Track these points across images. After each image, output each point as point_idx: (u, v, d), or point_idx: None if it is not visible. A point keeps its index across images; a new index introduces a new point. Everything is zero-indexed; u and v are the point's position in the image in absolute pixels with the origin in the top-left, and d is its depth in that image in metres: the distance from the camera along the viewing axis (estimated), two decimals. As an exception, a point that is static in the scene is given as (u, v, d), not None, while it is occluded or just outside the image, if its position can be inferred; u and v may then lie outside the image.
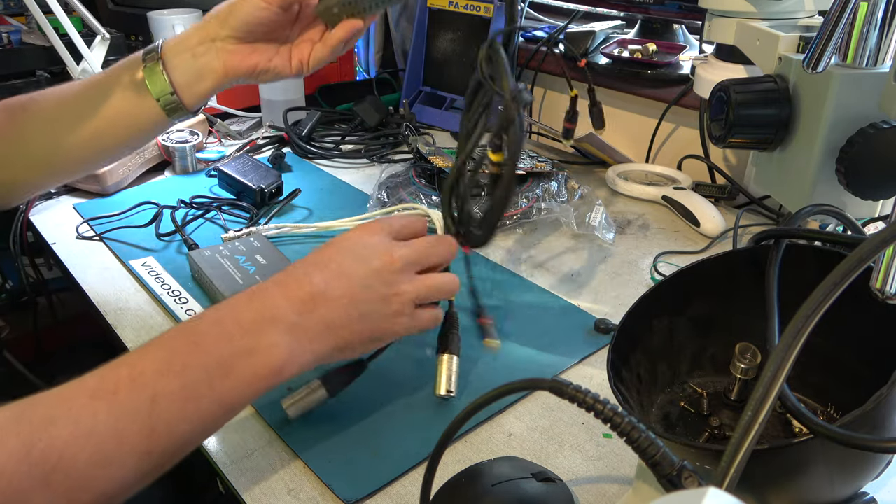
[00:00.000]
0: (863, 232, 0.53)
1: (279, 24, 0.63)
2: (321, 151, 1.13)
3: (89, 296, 0.76)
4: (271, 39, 0.64)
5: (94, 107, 0.64)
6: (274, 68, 0.63)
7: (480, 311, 0.64)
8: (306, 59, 0.64)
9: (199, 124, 1.11)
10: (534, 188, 0.93)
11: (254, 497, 0.51)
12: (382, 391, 0.61)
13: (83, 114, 0.65)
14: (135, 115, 0.65)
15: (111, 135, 0.66)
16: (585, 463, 0.55)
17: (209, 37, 0.63)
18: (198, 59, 0.63)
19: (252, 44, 0.63)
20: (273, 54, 0.63)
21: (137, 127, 0.66)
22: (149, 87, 0.63)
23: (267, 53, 0.63)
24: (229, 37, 0.62)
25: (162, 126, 0.67)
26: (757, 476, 0.37)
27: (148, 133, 0.69)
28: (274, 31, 0.63)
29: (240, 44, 0.62)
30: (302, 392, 0.57)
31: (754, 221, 0.92)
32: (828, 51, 0.58)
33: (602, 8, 1.21)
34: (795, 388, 0.50)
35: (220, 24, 0.62)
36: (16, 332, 1.28)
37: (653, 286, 0.52)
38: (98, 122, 0.65)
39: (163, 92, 0.63)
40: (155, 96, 0.63)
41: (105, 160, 0.72)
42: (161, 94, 0.63)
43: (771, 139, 0.71)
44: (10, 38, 1.08)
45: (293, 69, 0.64)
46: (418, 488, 0.43)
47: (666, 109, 1.06)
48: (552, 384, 0.34)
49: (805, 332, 0.31)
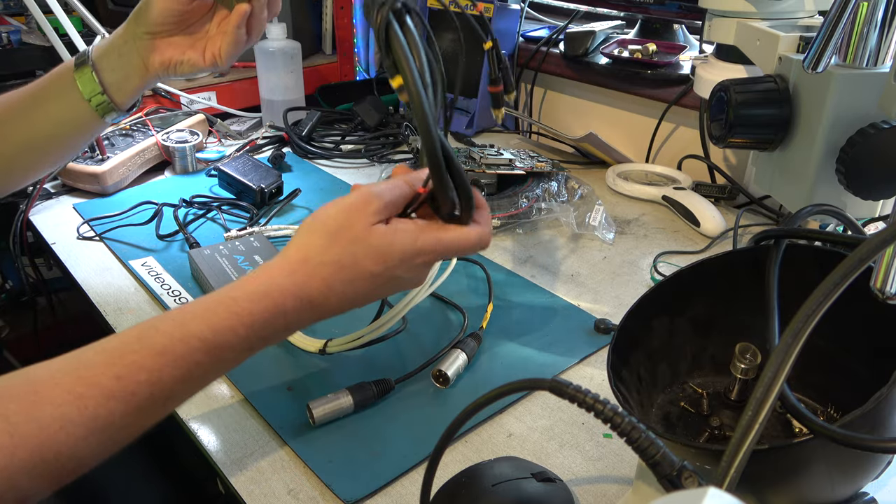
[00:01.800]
0: (863, 232, 0.53)
1: (191, 17, 0.64)
2: (321, 151, 1.13)
3: (89, 296, 0.76)
4: (187, 33, 0.65)
5: (31, 114, 0.66)
6: (188, 60, 0.65)
7: (495, 79, 0.60)
8: (218, 52, 0.65)
9: (199, 124, 1.11)
10: (534, 188, 0.93)
11: (254, 497, 0.51)
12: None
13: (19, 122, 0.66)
14: (70, 119, 0.66)
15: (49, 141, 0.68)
16: (585, 463, 0.55)
17: (130, 35, 0.64)
18: (123, 58, 0.64)
19: (168, 38, 0.64)
20: (187, 48, 0.65)
21: (73, 130, 0.68)
22: (80, 90, 0.64)
23: (182, 47, 0.64)
24: (145, 32, 0.63)
25: (97, 127, 0.69)
26: (757, 476, 0.37)
27: (84, 135, 0.70)
28: (188, 25, 0.65)
29: (156, 39, 0.64)
30: (329, 398, 0.57)
31: (754, 221, 0.92)
32: (828, 51, 0.58)
33: (602, 8, 1.21)
34: (795, 388, 0.50)
35: (137, 21, 0.63)
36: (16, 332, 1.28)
37: (653, 286, 0.52)
38: (35, 129, 0.66)
39: (93, 93, 0.64)
40: (86, 97, 0.65)
41: (45, 166, 0.73)
42: (92, 95, 0.64)
43: (771, 139, 0.71)
44: (10, 38, 1.08)
45: (206, 61, 0.65)
46: (418, 488, 0.43)
47: (666, 109, 1.06)
48: (552, 384, 0.34)
49: (805, 332, 0.31)
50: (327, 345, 0.63)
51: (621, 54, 1.08)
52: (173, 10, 0.62)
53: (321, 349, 0.63)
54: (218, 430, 0.57)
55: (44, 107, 0.66)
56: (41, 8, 1.01)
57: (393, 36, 0.41)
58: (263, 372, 0.63)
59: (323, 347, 0.63)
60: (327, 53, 1.46)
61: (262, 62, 1.19)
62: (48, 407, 0.38)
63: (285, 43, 1.17)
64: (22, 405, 0.38)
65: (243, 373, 0.63)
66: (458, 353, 0.63)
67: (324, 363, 0.64)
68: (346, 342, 0.63)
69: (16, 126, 0.66)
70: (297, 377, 0.63)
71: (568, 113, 1.29)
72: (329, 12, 1.42)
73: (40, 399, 0.39)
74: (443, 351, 0.64)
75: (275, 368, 0.64)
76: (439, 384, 0.62)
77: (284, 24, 1.17)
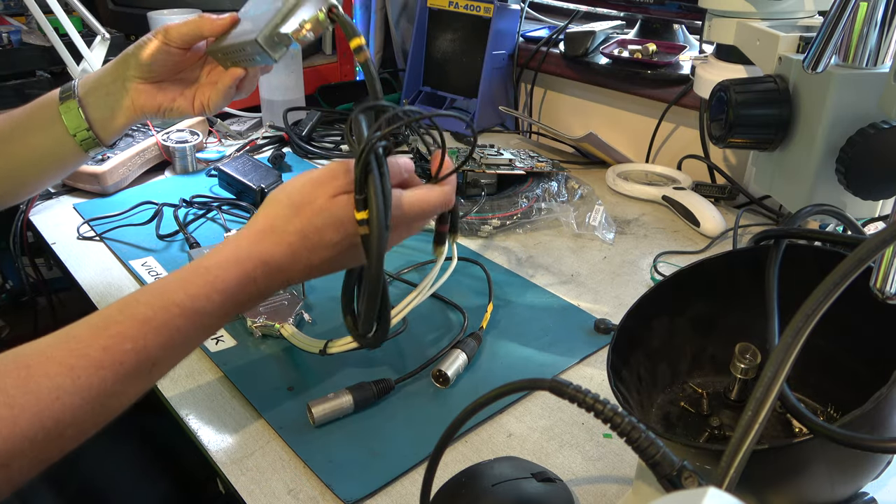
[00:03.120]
0: (863, 232, 0.53)
1: (182, 65, 0.67)
2: (321, 151, 1.13)
3: (89, 296, 0.76)
4: (178, 79, 0.67)
5: (12, 143, 0.67)
6: (177, 107, 0.67)
7: (443, 217, 0.61)
8: (207, 101, 0.67)
9: (199, 124, 1.11)
10: (534, 188, 0.93)
11: (254, 497, 0.51)
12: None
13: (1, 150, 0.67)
14: (52, 151, 0.68)
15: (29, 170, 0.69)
16: (585, 463, 0.55)
17: (121, 76, 0.66)
18: (110, 97, 0.66)
19: (159, 83, 0.66)
20: (178, 95, 0.67)
21: (55, 162, 0.69)
22: (65, 124, 0.66)
23: (172, 93, 0.66)
24: (137, 76, 0.65)
25: (79, 160, 0.70)
26: (757, 476, 0.37)
27: (66, 167, 0.72)
28: (179, 72, 0.67)
29: (147, 83, 0.65)
30: (329, 397, 0.58)
31: (754, 221, 0.92)
32: (828, 51, 0.58)
33: (602, 8, 1.21)
34: (795, 388, 0.50)
35: (129, 65, 0.65)
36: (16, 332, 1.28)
37: (653, 286, 0.52)
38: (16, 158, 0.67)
39: (79, 128, 0.66)
40: (71, 132, 0.66)
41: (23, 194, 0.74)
42: (77, 130, 0.66)
43: (771, 139, 0.71)
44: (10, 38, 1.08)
45: (195, 110, 0.67)
46: (418, 488, 0.43)
47: (666, 109, 1.06)
48: (552, 384, 0.34)
49: (805, 332, 0.31)
50: (327, 345, 0.63)
51: (621, 54, 1.08)
52: (166, 59, 0.64)
53: (321, 350, 0.63)
54: (218, 430, 0.57)
55: (26, 137, 0.67)
56: (41, 8, 1.01)
57: (371, 181, 0.47)
58: (263, 372, 0.63)
59: (323, 348, 0.63)
60: (327, 53, 1.46)
61: (262, 62, 1.19)
62: (42, 379, 0.40)
63: (285, 43, 1.17)
64: (17, 379, 0.40)
65: (243, 373, 0.63)
66: (459, 353, 0.63)
67: (324, 363, 0.64)
68: (347, 343, 0.63)
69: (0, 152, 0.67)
70: (297, 377, 0.63)
71: (568, 113, 1.29)
72: (329, 12, 1.41)
73: (33, 373, 0.41)
74: (443, 351, 0.64)
75: (275, 368, 0.64)
76: (439, 384, 0.62)
77: (284, 24, 1.17)
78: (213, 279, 0.47)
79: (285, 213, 0.50)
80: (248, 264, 0.48)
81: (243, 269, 0.48)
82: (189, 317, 0.46)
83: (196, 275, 0.47)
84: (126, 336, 0.43)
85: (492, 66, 1.22)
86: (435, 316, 0.72)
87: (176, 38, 0.64)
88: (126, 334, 0.44)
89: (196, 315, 0.46)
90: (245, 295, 0.49)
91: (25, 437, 0.39)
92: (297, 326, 0.67)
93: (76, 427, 0.42)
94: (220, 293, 0.47)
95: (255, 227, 0.50)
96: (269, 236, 0.49)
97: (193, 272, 0.48)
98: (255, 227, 0.50)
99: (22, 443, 0.39)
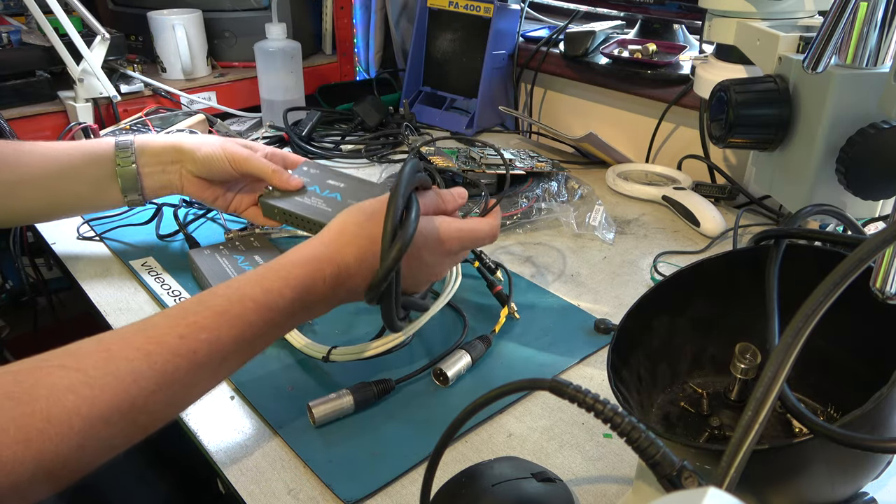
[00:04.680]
0: (863, 232, 0.53)
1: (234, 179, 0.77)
2: (321, 151, 1.13)
3: (89, 296, 0.76)
4: (224, 182, 0.78)
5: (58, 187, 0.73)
6: (216, 203, 0.78)
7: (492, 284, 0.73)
8: (239, 207, 0.79)
9: (199, 124, 1.11)
10: (534, 188, 0.93)
11: (254, 497, 0.51)
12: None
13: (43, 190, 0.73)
14: (96, 199, 0.76)
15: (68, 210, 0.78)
16: (585, 463, 0.55)
17: (178, 160, 0.75)
18: (165, 175, 0.76)
19: (209, 181, 0.76)
20: (220, 194, 0.78)
21: (95, 207, 0.80)
22: (119, 183, 0.74)
23: (216, 192, 0.77)
24: (193, 172, 0.75)
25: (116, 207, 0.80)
26: (757, 476, 0.37)
27: (102, 210, 0.85)
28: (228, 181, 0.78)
29: (200, 178, 0.76)
30: (331, 397, 0.57)
31: (754, 221, 0.92)
32: (828, 51, 0.58)
33: (602, 8, 1.21)
34: (795, 388, 0.50)
35: (191, 160, 0.74)
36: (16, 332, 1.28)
37: (653, 286, 0.52)
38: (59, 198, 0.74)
39: (131, 189, 0.75)
40: (122, 192, 0.75)
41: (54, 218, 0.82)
42: (128, 192, 0.75)
43: (771, 139, 0.71)
44: (10, 38, 1.08)
45: (229, 210, 0.79)
46: (418, 488, 0.43)
47: (666, 109, 1.06)
48: (552, 384, 0.34)
49: (805, 332, 0.31)
50: (331, 352, 0.63)
51: (621, 54, 1.08)
52: (224, 174, 0.75)
53: (325, 356, 0.63)
54: (218, 430, 0.57)
55: (74, 186, 0.74)
56: (41, 8, 1.01)
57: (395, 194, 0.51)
58: (264, 372, 0.63)
59: (326, 355, 0.63)
60: (327, 53, 1.46)
61: (262, 62, 1.19)
62: (121, 362, 0.42)
63: (285, 43, 1.17)
64: (98, 361, 0.41)
65: (244, 373, 0.63)
66: (462, 353, 0.63)
67: (325, 364, 0.64)
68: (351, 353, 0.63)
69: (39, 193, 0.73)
70: (297, 377, 0.63)
71: (568, 113, 1.29)
72: (329, 12, 1.42)
73: (113, 355, 0.42)
74: (445, 353, 0.64)
75: (275, 368, 0.64)
76: (439, 382, 0.62)
77: (284, 24, 1.17)
78: (287, 275, 0.50)
79: (357, 220, 0.54)
80: (319, 263, 0.51)
81: (314, 267, 0.51)
82: (262, 312, 0.48)
83: (271, 271, 0.50)
84: (202, 326, 0.45)
85: (492, 66, 1.22)
86: (439, 318, 0.71)
87: (241, 167, 0.73)
88: (202, 324, 0.45)
89: (268, 311, 0.48)
90: (314, 294, 0.51)
91: (102, 418, 0.40)
92: (299, 330, 0.67)
93: (148, 414, 0.43)
94: (291, 289, 0.49)
95: (329, 231, 0.54)
96: (341, 238, 0.53)
97: (268, 269, 0.50)
98: (330, 231, 0.54)
99: (98, 423, 0.40)
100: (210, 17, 1.28)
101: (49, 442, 0.38)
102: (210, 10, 1.28)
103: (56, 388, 0.39)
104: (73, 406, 0.39)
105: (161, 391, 0.43)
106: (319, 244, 0.53)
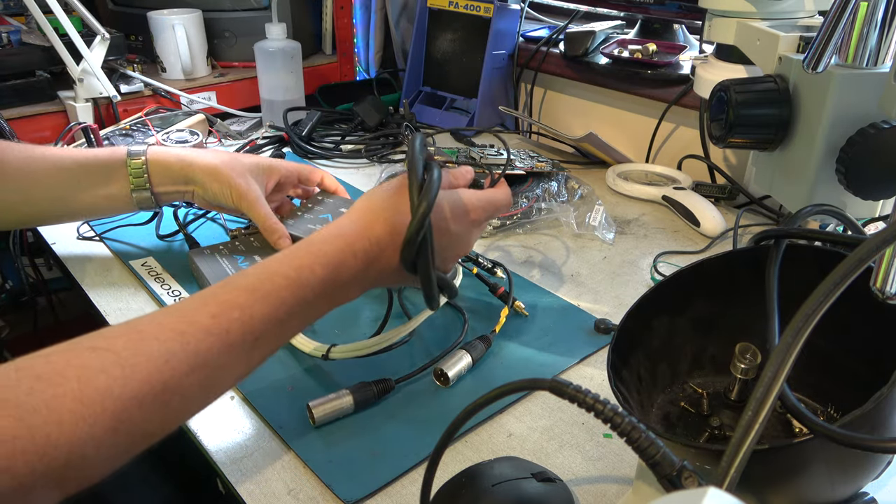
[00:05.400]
0: (863, 232, 0.53)
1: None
2: (321, 151, 1.13)
3: (89, 296, 0.76)
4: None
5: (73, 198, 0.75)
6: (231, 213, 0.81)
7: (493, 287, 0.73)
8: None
9: (199, 124, 1.11)
10: (534, 188, 0.93)
11: (254, 497, 0.51)
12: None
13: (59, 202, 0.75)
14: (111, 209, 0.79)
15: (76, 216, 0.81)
16: (585, 463, 0.55)
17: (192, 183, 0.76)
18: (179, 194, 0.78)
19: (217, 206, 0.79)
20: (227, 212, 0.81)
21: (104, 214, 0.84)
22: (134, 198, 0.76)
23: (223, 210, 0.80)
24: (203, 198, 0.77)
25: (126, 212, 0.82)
26: (757, 476, 0.37)
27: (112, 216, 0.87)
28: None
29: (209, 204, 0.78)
30: (331, 397, 0.57)
31: (754, 221, 0.92)
32: (828, 51, 0.58)
33: (602, 8, 1.21)
34: (795, 388, 0.50)
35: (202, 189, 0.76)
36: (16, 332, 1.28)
37: (653, 286, 0.52)
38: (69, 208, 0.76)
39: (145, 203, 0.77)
40: (137, 204, 0.77)
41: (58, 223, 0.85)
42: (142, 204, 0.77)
43: (771, 139, 0.71)
44: (10, 38, 1.08)
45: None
46: (418, 488, 0.43)
47: (666, 109, 1.06)
48: (552, 384, 0.34)
49: (805, 332, 0.31)
50: (330, 350, 0.63)
51: (621, 54, 1.08)
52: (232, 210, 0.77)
53: (324, 354, 0.63)
54: (218, 430, 0.57)
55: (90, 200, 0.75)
56: (41, 8, 1.01)
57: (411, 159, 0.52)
58: (264, 372, 0.63)
59: (326, 353, 0.63)
60: (327, 53, 1.46)
61: (262, 62, 1.19)
62: (154, 342, 0.41)
63: (285, 43, 1.17)
64: (128, 342, 0.41)
65: (243, 373, 0.63)
66: (463, 353, 0.63)
67: (325, 363, 0.64)
68: (350, 350, 0.63)
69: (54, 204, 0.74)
70: (297, 377, 0.63)
71: (568, 113, 1.29)
72: (329, 12, 1.42)
73: (145, 336, 0.41)
74: (445, 353, 0.64)
75: (275, 368, 0.64)
76: (440, 383, 0.62)
77: (284, 24, 1.17)
78: (317, 251, 0.50)
79: (381, 196, 0.54)
80: (349, 237, 0.51)
81: (345, 242, 0.51)
82: (293, 289, 0.47)
83: (300, 250, 0.50)
84: (234, 304, 0.45)
85: (492, 66, 1.22)
86: (440, 318, 0.72)
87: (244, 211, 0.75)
88: (234, 302, 0.45)
89: (300, 288, 0.48)
90: (346, 272, 0.50)
91: (135, 398, 0.39)
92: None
93: (181, 396, 0.42)
94: (322, 266, 0.49)
95: (356, 210, 0.54)
96: (368, 214, 0.53)
97: (298, 248, 0.50)
98: (357, 209, 0.54)
99: (132, 404, 0.39)
100: (210, 17, 1.28)
101: (83, 422, 0.36)
102: (210, 10, 1.28)
103: (87, 368, 0.38)
104: (105, 387, 0.38)
105: (194, 373, 0.42)
106: (348, 222, 0.53)
